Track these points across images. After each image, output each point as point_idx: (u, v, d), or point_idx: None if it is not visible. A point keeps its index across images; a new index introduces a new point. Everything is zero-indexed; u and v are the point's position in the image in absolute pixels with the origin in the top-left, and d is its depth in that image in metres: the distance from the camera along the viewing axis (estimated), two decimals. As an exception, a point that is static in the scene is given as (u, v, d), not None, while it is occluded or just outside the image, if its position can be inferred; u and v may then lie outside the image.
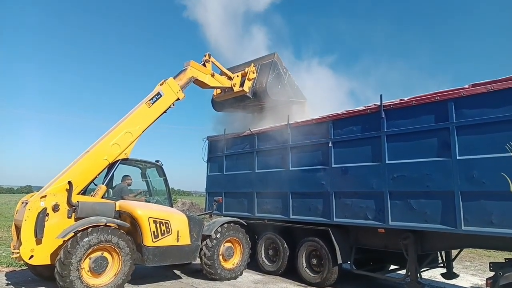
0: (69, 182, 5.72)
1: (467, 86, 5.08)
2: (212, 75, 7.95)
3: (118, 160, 6.47)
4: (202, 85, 7.93)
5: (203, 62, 7.90)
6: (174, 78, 7.30)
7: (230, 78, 8.41)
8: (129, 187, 6.98)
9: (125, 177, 7.01)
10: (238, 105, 8.76)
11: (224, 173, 8.96)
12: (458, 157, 4.99)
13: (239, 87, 8.35)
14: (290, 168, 7.33)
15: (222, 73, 8.40)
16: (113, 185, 6.83)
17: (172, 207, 7.09)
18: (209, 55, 8.01)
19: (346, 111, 6.58)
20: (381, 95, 5.96)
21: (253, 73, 8.47)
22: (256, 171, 8.10)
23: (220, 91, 8.87)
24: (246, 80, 8.35)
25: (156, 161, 7.33)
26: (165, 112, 7.15)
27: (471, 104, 4.97)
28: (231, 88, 8.42)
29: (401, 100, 5.80)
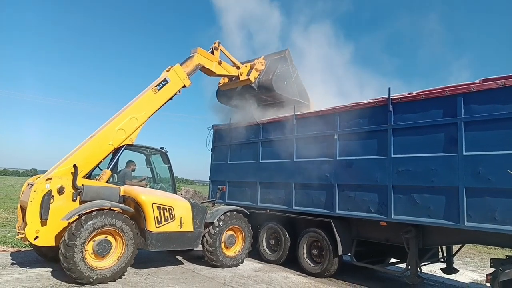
0: (75, 166, 5.77)
1: (477, 81, 5.02)
2: (219, 63, 7.87)
3: (123, 145, 6.50)
4: (209, 72, 7.88)
5: (211, 50, 7.81)
6: (181, 64, 7.25)
7: (238, 68, 8.34)
8: (133, 173, 7.03)
9: (129, 162, 7.06)
10: (242, 98, 8.65)
11: (228, 162, 8.98)
12: (464, 153, 4.96)
13: (246, 76, 8.30)
14: (295, 159, 7.33)
15: (234, 66, 8.31)
16: (118, 171, 6.88)
17: (176, 194, 7.13)
18: (219, 43, 7.92)
19: (353, 103, 6.53)
20: (389, 88, 5.92)
21: (262, 64, 8.38)
22: (260, 161, 8.11)
23: (226, 80, 8.82)
24: (253, 71, 8.27)
25: (161, 148, 7.35)
26: (171, 98, 7.13)
27: (481, 99, 4.92)
28: (237, 77, 8.37)
29: (409, 93, 5.74)
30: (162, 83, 6.94)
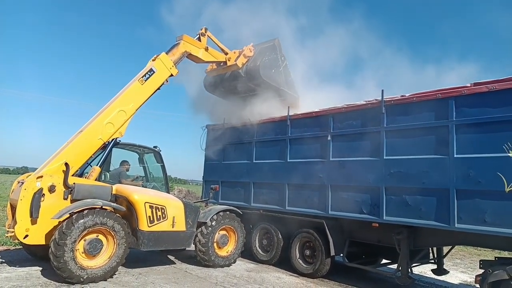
0: (66, 164, 5.71)
1: (469, 85, 5.09)
2: (206, 49, 7.71)
3: (113, 139, 6.41)
4: (196, 59, 7.73)
5: (198, 36, 7.66)
6: (167, 53, 7.09)
7: (226, 54, 8.19)
8: (127, 172, 6.97)
9: (123, 162, 7.01)
10: (229, 85, 8.49)
11: (222, 162, 8.96)
12: (455, 155, 5.01)
13: (233, 61, 8.13)
14: (288, 160, 7.35)
15: (222, 52, 8.18)
16: (110, 169, 6.82)
17: (169, 193, 7.10)
18: (206, 29, 7.76)
19: (347, 105, 6.57)
20: (382, 90, 5.96)
21: (250, 51, 8.26)
22: (254, 161, 8.11)
23: (214, 66, 8.58)
24: (241, 56, 8.12)
25: (154, 147, 7.30)
26: (158, 89, 6.99)
27: (472, 103, 4.98)
28: (225, 63, 8.20)
29: (402, 96, 5.80)
30: (149, 73, 6.79)
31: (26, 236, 5.26)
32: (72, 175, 5.83)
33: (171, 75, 7.09)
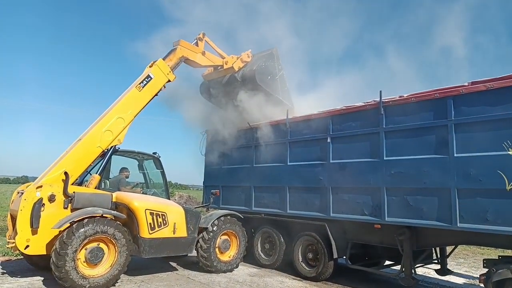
0: (66, 173, 5.69)
1: (466, 84, 5.10)
2: (203, 54, 7.73)
3: (112, 147, 6.40)
4: (194, 64, 7.75)
5: (196, 41, 7.69)
6: (164, 59, 7.09)
7: (223, 58, 8.22)
8: (126, 180, 6.96)
9: (123, 169, 7.00)
10: (224, 91, 8.48)
11: (222, 166, 8.95)
12: (455, 155, 5.00)
13: (230, 65, 8.16)
14: (288, 163, 7.33)
15: (220, 57, 8.20)
16: (110, 177, 6.81)
17: (169, 200, 7.08)
18: (204, 34, 7.78)
19: (345, 106, 6.58)
20: (380, 91, 5.96)
21: (248, 56, 8.33)
22: (254, 165, 8.09)
23: (211, 70, 8.60)
24: (238, 61, 8.20)
25: (154, 153, 7.29)
26: (156, 95, 6.99)
27: (470, 102, 4.98)
28: (222, 67, 8.23)
29: (400, 96, 5.80)
30: (146, 79, 6.78)
31: (27, 246, 5.24)
32: (72, 184, 5.82)
33: (169, 80, 7.09)
